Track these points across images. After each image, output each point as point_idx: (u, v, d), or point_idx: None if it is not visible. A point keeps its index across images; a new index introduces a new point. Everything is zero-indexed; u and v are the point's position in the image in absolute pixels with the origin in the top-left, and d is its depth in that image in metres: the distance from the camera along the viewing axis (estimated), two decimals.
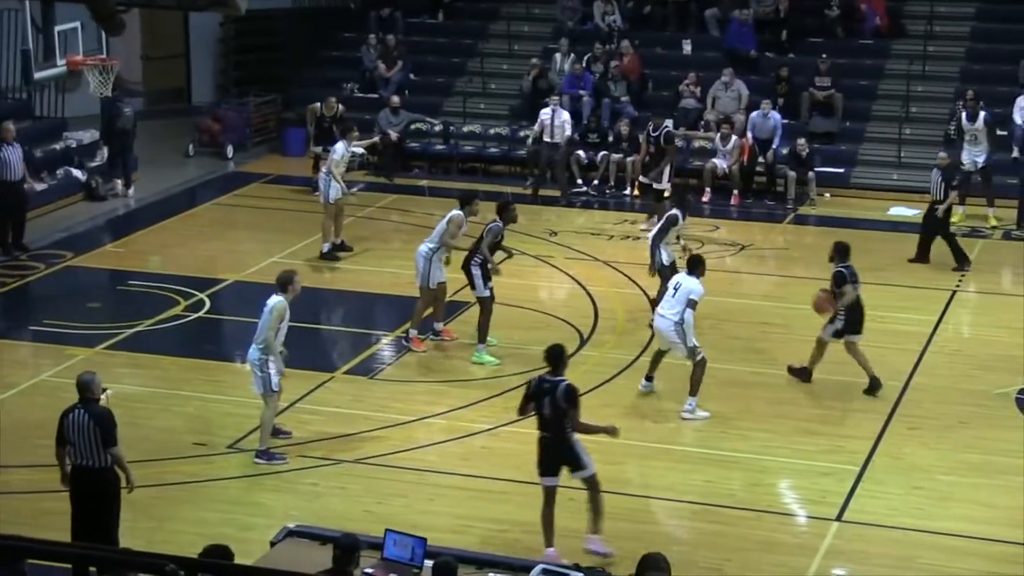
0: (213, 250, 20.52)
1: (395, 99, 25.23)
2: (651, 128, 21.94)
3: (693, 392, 15.08)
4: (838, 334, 15.81)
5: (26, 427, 14.65)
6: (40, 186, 21.39)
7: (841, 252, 15.93)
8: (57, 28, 23.88)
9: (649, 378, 15.63)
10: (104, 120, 23.61)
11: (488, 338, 16.57)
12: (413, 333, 16.76)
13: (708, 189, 23.46)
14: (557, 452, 12.13)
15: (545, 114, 23.62)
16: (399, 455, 14.20)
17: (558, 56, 25.66)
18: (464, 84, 26.45)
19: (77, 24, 23.29)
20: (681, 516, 13.22)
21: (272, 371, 13.79)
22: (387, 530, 10.16)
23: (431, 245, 16.65)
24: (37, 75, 23.79)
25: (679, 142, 24.03)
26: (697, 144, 24.31)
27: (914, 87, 24.91)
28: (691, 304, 14.92)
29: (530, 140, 24.04)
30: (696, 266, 15.20)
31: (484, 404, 15.43)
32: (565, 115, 23.69)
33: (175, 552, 8.32)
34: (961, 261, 19.99)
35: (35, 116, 24.17)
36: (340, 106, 23.44)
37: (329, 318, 18.51)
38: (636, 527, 12.94)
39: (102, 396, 11.72)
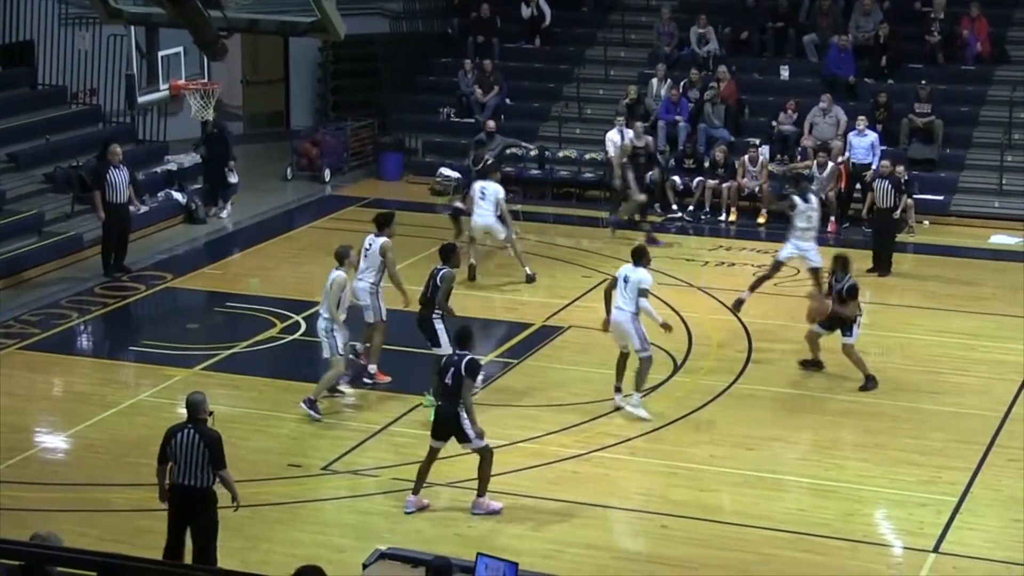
0: (310, 273, 20.68)
1: (491, 124, 25.28)
2: (473, 160, 21.73)
3: (638, 387, 15.60)
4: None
5: (125, 446, 14.88)
6: (143, 208, 21.75)
7: (844, 266, 16.52)
8: (160, 53, 24.31)
9: (618, 389, 15.77)
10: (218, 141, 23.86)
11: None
12: (374, 368, 16.42)
13: None
14: (448, 421, 13.32)
15: (613, 135, 23.35)
16: (491, 479, 14.19)
17: (654, 82, 25.61)
18: (560, 109, 26.50)
19: (180, 49, 23.68)
20: (775, 545, 13.08)
21: (338, 337, 15.43)
22: (479, 554, 10.17)
23: (371, 280, 16.33)
24: (141, 99, 24.22)
25: (774, 168, 23.94)
26: (795, 172, 24.06)
27: (1017, 114, 24.55)
28: (643, 293, 15.55)
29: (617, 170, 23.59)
30: (641, 256, 15.77)
31: (575, 429, 15.40)
32: (631, 133, 23.39)
33: (270, 573, 8.41)
34: (884, 268, 20.46)
35: (138, 139, 24.63)
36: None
37: (422, 342, 18.57)
38: (730, 555, 12.86)
39: (209, 418, 11.83)
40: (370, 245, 16.54)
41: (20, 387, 16.56)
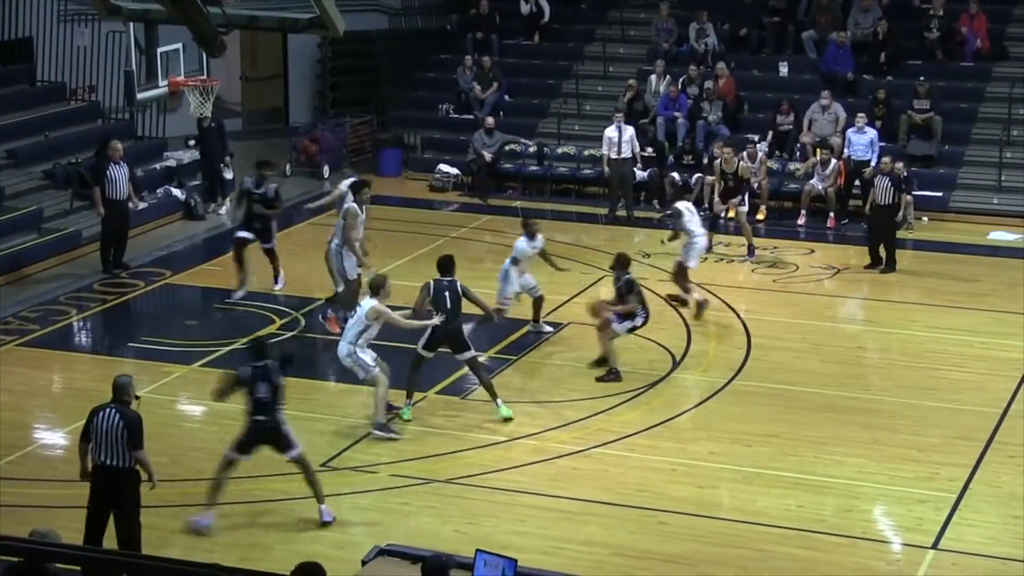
0: (308, 269, 20.68)
1: (490, 120, 25.34)
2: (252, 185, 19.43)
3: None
4: (633, 330, 16.77)
5: None
6: (142, 205, 21.74)
7: (623, 263, 16.84)
8: (159, 49, 24.31)
9: (535, 320, 18.00)
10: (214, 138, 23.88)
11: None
12: (331, 314, 17.87)
13: (804, 212, 23.29)
14: (267, 434, 13.02)
15: (611, 132, 23.49)
16: (490, 475, 14.22)
17: (653, 78, 25.61)
18: (559, 105, 26.49)
19: (179, 45, 23.68)
20: (774, 541, 13.09)
21: (366, 357, 14.86)
22: (478, 550, 10.16)
23: (337, 241, 17.67)
24: (140, 95, 24.22)
25: (772, 164, 23.95)
26: (799, 172, 24.02)
27: (1016, 110, 24.57)
28: (514, 261, 17.54)
29: (605, 167, 23.78)
30: (525, 226, 17.81)
31: (574, 425, 15.41)
32: (630, 130, 23.56)
33: (270, 569, 8.40)
34: (886, 264, 20.60)
35: (137, 136, 24.63)
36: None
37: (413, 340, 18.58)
38: (729, 551, 12.86)
39: (133, 401, 12.02)
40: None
41: (19, 383, 16.56)
